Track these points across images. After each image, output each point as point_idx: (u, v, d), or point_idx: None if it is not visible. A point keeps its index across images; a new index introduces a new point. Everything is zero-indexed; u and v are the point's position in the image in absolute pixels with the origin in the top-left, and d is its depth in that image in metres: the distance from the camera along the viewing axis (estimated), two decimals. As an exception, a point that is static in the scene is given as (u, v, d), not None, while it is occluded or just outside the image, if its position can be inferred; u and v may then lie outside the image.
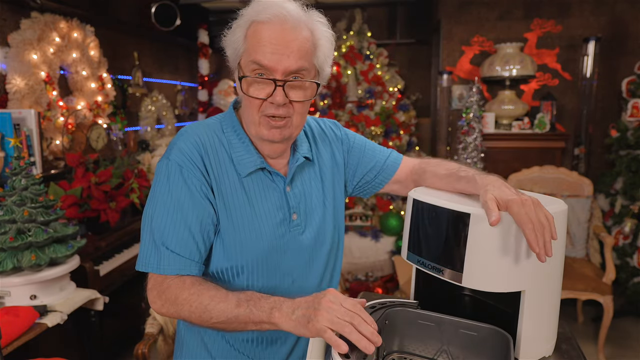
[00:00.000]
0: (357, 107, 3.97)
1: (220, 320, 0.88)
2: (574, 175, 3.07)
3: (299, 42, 0.92)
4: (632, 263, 3.13)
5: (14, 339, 1.59)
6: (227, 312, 0.87)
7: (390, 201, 3.71)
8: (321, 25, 0.97)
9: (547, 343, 0.92)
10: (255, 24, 0.93)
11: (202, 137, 0.99)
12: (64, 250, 1.87)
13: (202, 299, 0.89)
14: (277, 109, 0.93)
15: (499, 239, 0.81)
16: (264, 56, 0.90)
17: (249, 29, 0.94)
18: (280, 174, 1.04)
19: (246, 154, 1.01)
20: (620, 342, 2.86)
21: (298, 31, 0.92)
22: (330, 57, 1.00)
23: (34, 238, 1.78)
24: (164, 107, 4.08)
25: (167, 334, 1.89)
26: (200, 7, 4.72)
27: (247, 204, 0.99)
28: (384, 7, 4.71)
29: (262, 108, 0.95)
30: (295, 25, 0.92)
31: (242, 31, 0.94)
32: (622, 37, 3.48)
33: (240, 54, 0.95)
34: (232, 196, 0.98)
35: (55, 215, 1.89)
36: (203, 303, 0.89)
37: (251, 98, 0.94)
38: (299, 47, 0.92)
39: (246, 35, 0.94)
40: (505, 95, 3.47)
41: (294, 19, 0.92)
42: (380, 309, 0.92)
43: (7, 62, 2.54)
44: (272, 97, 0.92)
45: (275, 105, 0.93)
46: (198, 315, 0.90)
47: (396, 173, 1.18)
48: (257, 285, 1.00)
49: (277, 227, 1.01)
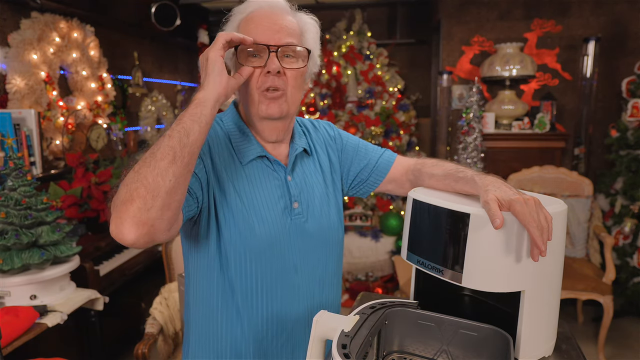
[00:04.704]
0: (357, 107, 3.97)
1: (163, 157, 0.77)
2: (574, 175, 3.07)
3: (287, 23, 0.99)
4: (632, 263, 3.12)
5: (14, 339, 1.59)
6: (162, 145, 0.79)
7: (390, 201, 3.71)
8: (305, 15, 1.04)
9: (547, 343, 0.92)
10: (247, 15, 0.99)
11: None
12: (36, 258, 1.81)
13: (142, 161, 0.79)
14: (272, 80, 0.97)
15: (499, 239, 0.81)
16: (255, 36, 0.96)
17: (241, 21, 1.00)
18: (281, 162, 1.06)
19: (247, 143, 1.04)
20: (620, 342, 2.86)
21: (284, 15, 0.99)
22: (318, 43, 1.06)
23: (6, 241, 1.78)
24: (164, 107, 4.09)
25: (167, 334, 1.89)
26: (200, 7, 4.72)
27: (250, 190, 1.01)
28: (384, 7, 4.70)
29: (258, 83, 0.98)
30: (282, 11, 1.00)
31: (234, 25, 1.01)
32: (622, 37, 3.48)
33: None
34: (232, 184, 1.00)
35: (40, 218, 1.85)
36: (145, 156, 0.79)
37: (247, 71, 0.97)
38: (287, 26, 0.98)
39: (239, 27, 1.00)
40: (505, 95, 3.47)
41: (280, 6, 1.00)
42: (380, 309, 0.92)
43: (7, 62, 2.55)
44: (267, 64, 0.96)
45: (271, 76, 0.97)
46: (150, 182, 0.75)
47: (390, 171, 1.18)
48: (261, 273, 1.01)
49: (280, 215, 1.02)
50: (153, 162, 0.77)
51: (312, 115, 4.10)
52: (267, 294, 1.02)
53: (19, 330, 1.61)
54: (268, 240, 1.00)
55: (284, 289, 1.03)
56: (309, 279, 1.07)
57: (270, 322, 1.04)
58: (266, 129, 1.04)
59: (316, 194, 1.10)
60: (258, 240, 0.99)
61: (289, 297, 1.04)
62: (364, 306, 0.91)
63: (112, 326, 2.65)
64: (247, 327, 1.03)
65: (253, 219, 0.99)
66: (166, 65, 4.38)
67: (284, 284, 1.03)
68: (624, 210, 3.15)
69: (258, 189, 1.02)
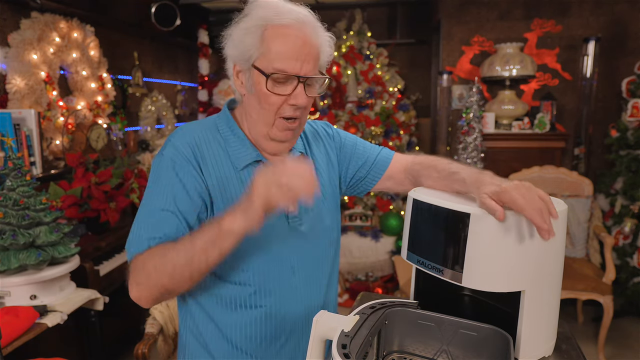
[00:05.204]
0: (357, 107, 3.97)
1: (186, 262, 0.87)
2: (574, 175, 3.07)
3: (315, 49, 0.96)
4: (632, 263, 3.12)
5: (14, 339, 1.59)
6: (188, 250, 0.88)
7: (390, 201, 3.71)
8: (322, 29, 1.01)
9: (547, 343, 0.92)
10: (273, 27, 0.94)
11: (196, 134, 1.02)
12: (33, 259, 1.81)
13: (167, 252, 0.89)
14: (295, 110, 0.97)
15: (499, 238, 0.81)
16: (287, 63, 0.93)
17: (266, 29, 0.94)
18: None
19: (242, 148, 1.03)
20: (620, 342, 2.86)
21: (313, 39, 0.96)
22: (330, 61, 1.04)
23: (3, 242, 1.78)
24: (164, 107, 4.08)
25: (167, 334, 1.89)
26: (200, 7, 4.72)
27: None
28: (384, 7, 4.71)
29: (280, 110, 0.97)
30: (312, 32, 0.96)
31: (256, 34, 0.95)
32: (622, 37, 3.48)
33: (255, 57, 0.96)
34: (229, 189, 1.00)
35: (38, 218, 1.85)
36: (167, 257, 0.88)
37: (272, 98, 0.96)
38: (315, 53, 0.96)
39: (263, 38, 0.94)
40: (505, 95, 3.47)
41: (310, 25, 0.96)
42: (380, 309, 0.92)
43: (7, 62, 2.54)
44: (294, 94, 0.95)
45: (295, 107, 0.97)
46: (169, 274, 0.88)
47: (388, 169, 1.19)
48: (259, 276, 1.01)
49: (277, 219, 1.02)
50: (177, 269, 0.88)
51: (312, 115, 4.10)
52: (266, 296, 1.02)
53: (19, 330, 1.61)
54: (266, 244, 1.00)
55: (282, 291, 1.03)
56: (306, 280, 1.07)
57: (269, 325, 1.04)
58: (270, 147, 1.04)
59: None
60: (255, 246, 0.99)
61: (287, 298, 1.04)
62: (364, 306, 0.91)
63: (112, 326, 2.64)
64: (246, 330, 1.03)
65: None
66: (166, 65, 4.38)
67: (282, 286, 1.03)
68: (624, 210, 3.15)
69: None
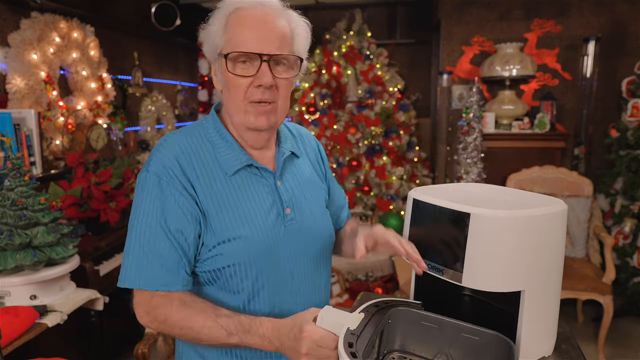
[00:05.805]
0: (357, 107, 3.97)
1: (208, 338, 0.92)
2: (574, 175, 3.07)
3: (280, 28, 0.94)
4: (632, 263, 3.12)
5: (14, 339, 1.59)
6: (220, 341, 0.91)
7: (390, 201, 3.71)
8: (296, 16, 1.00)
9: (547, 343, 0.92)
10: (235, 12, 0.95)
11: (182, 144, 0.98)
12: (29, 259, 1.81)
13: (193, 324, 0.91)
14: (263, 93, 0.94)
15: (499, 238, 0.81)
16: (246, 44, 0.92)
17: (229, 18, 0.95)
18: (269, 169, 1.03)
19: (231, 152, 1.00)
20: (620, 342, 2.86)
21: (277, 19, 0.94)
22: (307, 47, 1.02)
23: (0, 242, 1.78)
24: (164, 107, 4.08)
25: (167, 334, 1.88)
26: (200, 7, 4.72)
27: (239, 202, 0.98)
28: (384, 7, 4.70)
29: (247, 94, 0.95)
30: (275, 13, 0.95)
31: (221, 22, 0.96)
32: (622, 37, 3.48)
33: (222, 45, 0.96)
34: (221, 197, 0.97)
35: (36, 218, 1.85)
36: (194, 329, 0.91)
37: (237, 81, 0.94)
38: (279, 32, 0.94)
39: (226, 25, 0.95)
40: (505, 95, 3.47)
41: (273, 7, 0.96)
42: (384, 308, 0.92)
43: (7, 62, 2.54)
44: (259, 74, 0.93)
45: (262, 88, 0.94)
46: (190, 338, 0.94)
47: None
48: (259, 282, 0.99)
49: (273, 223, 1.00)
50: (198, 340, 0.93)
51: (312, 115, 4.10)
52: (266, 302, 1.00)
53: (19, 330, 1.61)
54: (264, 249, 0.98)
55: (282, 296, 1.01)
56: (305, 282, 1.05)
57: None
58: (251, 138, 1.02)
59: (308, 196, 1.08)
60: (254, 251, 0.97)
61: (288, 303, 1.02)
62: (368, 304, 0.91)
63: (112, 326, 2.64)
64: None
65: (247, 230, 0.96)
66: (166, 65, 4.38)
67: (282, 291, 1.01)
68: (624, 210, 3.15)
69: (248, 199, 0.99)
